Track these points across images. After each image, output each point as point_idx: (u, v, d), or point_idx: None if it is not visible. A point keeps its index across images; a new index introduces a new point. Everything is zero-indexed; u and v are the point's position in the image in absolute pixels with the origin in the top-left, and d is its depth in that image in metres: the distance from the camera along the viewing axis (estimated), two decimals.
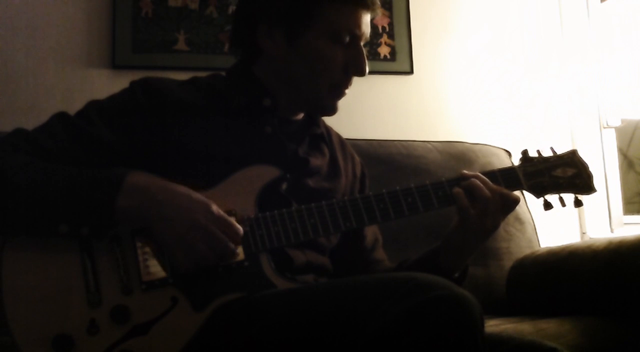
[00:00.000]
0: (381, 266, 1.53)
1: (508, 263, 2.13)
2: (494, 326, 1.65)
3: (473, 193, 1.26)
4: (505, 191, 1.28)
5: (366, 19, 1.34)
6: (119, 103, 1.30)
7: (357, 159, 1.59)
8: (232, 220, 1.13)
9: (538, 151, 1.38)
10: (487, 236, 1.30)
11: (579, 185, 1.35)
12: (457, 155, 2.29)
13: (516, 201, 1.28)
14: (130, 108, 1.29)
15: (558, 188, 1.35)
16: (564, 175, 1.35)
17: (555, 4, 2.80)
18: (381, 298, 0.95)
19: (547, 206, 1.35)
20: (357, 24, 1.32)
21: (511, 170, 1.34)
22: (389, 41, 2.57)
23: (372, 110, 2.53)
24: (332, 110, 1.39)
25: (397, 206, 1.25)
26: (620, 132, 2.83)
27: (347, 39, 1.32)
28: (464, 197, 1.26)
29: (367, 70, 1.35)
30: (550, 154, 1.38)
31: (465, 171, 1.30)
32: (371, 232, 1.54)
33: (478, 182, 1.26)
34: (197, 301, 1.13)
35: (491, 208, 1.25)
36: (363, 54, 1.34)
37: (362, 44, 1.35)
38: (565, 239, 2.43)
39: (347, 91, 1.39)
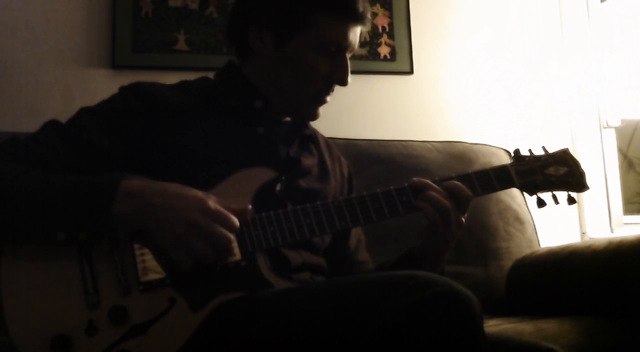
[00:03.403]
0: (363, 267, 1.54)
1: (508, 263, 2.13)
2: (493, 326, 1.65)
3: (435, 206, 1.26)
4: (457, 189, 1.28)
5: (355, 30, 1.35)
6: (111, 108, 1.31)
7: (344, 160, 1.61)
8: (229, 213, 1.13)
9: (530, 150, 1.39)
10: (456, 237, 1.31)
11: (571, 183, 1.36)
12: (457, 155, 2.29)
13: (469, 197, 1.29)
14: (123, 112, 1.30)
15: (551, 186, 1.36)
16: (556, 173, 1.36)
17: (555, 4, 2.80)
18: (382, 296, 0.96)
19: (541, 203, 1.36)
20: (345, 36, 1.34)
21: (503, 168, 1.35)
22: (389, 41, 2.57)
23: (372, 110, 2.53)
24: (312, 117, 1.41)
25: (391, 204, 1.26)
26: (620, 132, 2.83)
27: (333, 49, 1.34)
28: (432, 210, 1.26)
29: (349, 81, 1.36)
30: (542, 152, 1.39)
31: (416, 179, 1.29)
32: (355, 233, 1.55)
33: (435, 194, 1.26)
34: (195, 301, 1.13)
35: (453, 215, 1.26)
36: (347, 65, 1.36)
37: (348, 55, 1.36)
38: (565, 239, 2.43)
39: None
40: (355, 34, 1.36)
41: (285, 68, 1.35)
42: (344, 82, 1.36)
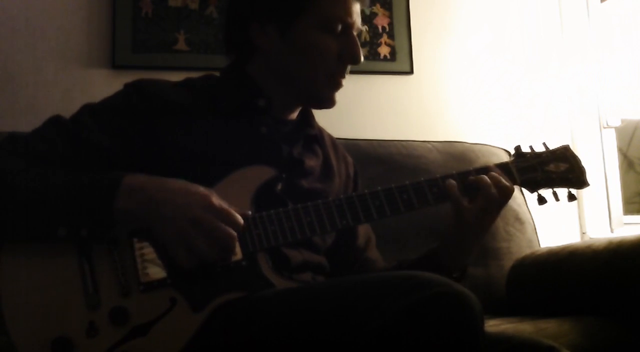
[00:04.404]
0: (374, 265, 1.53)
1: (508, 263, 2.13)
2: (493, 326, 1.65)
3: (480, 189, 1.26)
4: (506, 184, 1.28)
5: (356, 7, 1.35)
6: (114, 106, 1.30)
7: (350, 159, 1.60)
8: (232, 210, 1.13)
9: (531, 147, 1.38)
10: (484, 233, 1.31)
11: (571, 179, 1.35)
12: (457, 155, 2.29)
13: (511, 192, 1.29)
14: (125, 111, 1.29)
15: (551, 183, 1.35)
16: (557, 170, 1.35)
17: (555, 4, 2.80)
18: (381, 296, 0.96)
19: (541, 200, 1.35)
20: (348, 13, 1.33)
21: (504, 165, 1.34)
22: (389, 41, 2.57)
23: (372, 110, 2.53)
24: (330, 102, 1.39)
25: (392, 202, 1.25)
26: (620, 132, 2.83)
27: (339, 28, 1.33)
28: (456, 190, 1.26)
29: (362, 58, 1.35)
30: (543, 149, 1.38)
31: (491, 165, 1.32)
32: (363, 231, 1.54)
33: (488, 180, 1.27)
34: (196, 301, 1.12)
35: (493, 206, 1.26)
36: (356, 42, 1.35)
37: (354, 33, 1.36)
38: (565, 239, 2.43)
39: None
40: (357, 10, 1.35)
41: (295, 56, 1.34)
42: (356, 59, 1.35)
